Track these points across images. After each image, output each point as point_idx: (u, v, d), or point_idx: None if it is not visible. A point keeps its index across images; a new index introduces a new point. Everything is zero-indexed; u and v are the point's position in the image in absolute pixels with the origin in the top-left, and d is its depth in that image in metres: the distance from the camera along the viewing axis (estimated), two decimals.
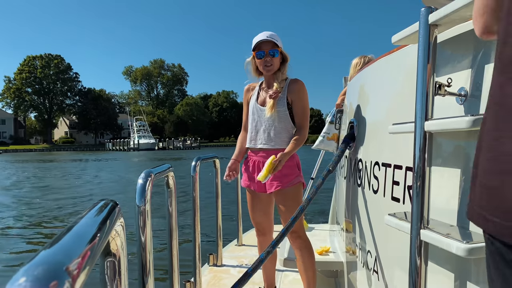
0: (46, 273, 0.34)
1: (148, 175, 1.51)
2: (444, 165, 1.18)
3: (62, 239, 0.41)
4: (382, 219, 1.68)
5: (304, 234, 2.48)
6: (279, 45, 2.42)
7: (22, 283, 0.32)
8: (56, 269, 0.35)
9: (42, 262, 0.36)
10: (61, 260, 0.37)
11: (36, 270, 0.34)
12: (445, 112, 1.15)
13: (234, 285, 1.61)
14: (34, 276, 0.33)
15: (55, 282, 0.33)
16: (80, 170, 24.14)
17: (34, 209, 10.48)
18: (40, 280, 0.33)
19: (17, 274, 0.34)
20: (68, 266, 0.36)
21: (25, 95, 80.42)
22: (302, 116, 2.46)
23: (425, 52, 1.09)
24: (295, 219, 1.96)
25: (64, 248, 0.40)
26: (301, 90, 2.47)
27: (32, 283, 0.32)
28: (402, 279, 1.45)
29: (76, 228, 0.44)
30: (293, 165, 2.45)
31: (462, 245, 0.91)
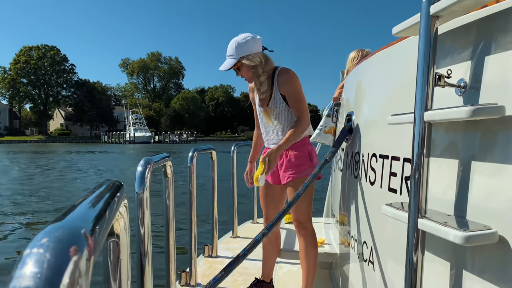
0: (66, 235, 0.35)
1: (148, 163, 1.51)
2: (442, 155, 1.19)
3: (73, 212, 0.41)
4: (378, 210, 1.69)
5: (310, 225, 2.51)
6: (236, 59, 2.38)
7: (44, 243, 0.33)
8: (76, 233, 0.36)
9: (62, 225, 0.37)
10: (80, 225, 0.38)
11: (57, 232, 0.35)
12: (444, 103, 1.16)
13: (229, 264, 1.60)
14: (56, 237, 0.34)
15: (74, 246, 0.34)
16: (77, 163, 24.05)
17: (24, 201, 10.45)
18: (62, 241, 0.34)
19: (39, 235, 0.35)
20: (86, 232, 0.37)
21: (20, 85, 79.88)
22: (297, 105, 2.45)
23: (426, 43, 1.10)
24: (291, 204, 1.97)
25: (78, 217, 0.40)
26: (289, 80, 2.44)
27: (54, 244, 0.33)
28: (398, 269, 1.47)
29: (84, 204, 0.44)
30: (303, 156, 2.47)
31: (459, 233, 0.92)
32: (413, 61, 1.39)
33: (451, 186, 1.13)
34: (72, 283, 0.30)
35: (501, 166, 0.96)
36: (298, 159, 2.44)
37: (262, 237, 1.80)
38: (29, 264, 0.31)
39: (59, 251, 0.32)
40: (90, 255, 0.35)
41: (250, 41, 2.40)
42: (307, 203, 2.48)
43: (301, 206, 2.46)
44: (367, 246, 1.84)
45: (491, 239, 0.92)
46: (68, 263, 0.32)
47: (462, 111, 0.97)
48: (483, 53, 1.06)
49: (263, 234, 1.81)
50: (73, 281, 0.31)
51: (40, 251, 0.32)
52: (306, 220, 2.49)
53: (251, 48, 2.40)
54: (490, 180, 0.99)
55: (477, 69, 1.08)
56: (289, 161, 2.46)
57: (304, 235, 2.49)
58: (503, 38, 0.99)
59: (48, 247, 0.32)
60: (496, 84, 1.01)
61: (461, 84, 1.12)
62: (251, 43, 2.40)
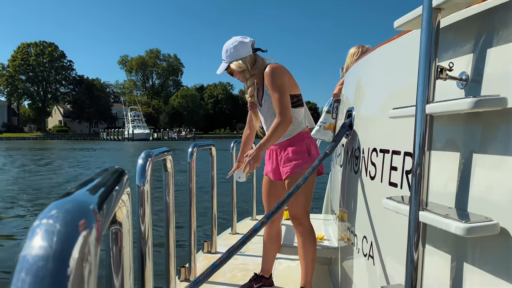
0: (76, 209, 0.35)
1: (148, 155, 1.50)
2: (443, 148, 1.19)
3: (80, 190, 0.41)
4: (378, 204, 1.69)
5: (307, 221, 2.50)
6: (227, 63, 2.49)
7: (54, 214, 0.33)
8: (85, 208, 0.36)
9: (71, 200, 0.37)
10: (88, 201, 0.38)
11: (66, 205, 0.35)
12: (446, 96, 1.16)
13: (228, 251, 1.60)
14: (65, 209, 0.34)
15: (84, 220, 0.33)
16: (77, 160, 24.01)
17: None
18: (71, 213, 0.34)
19: (48, 207, 0.35)
20: (94, 208, 0.37)
21: (18, 82, 79.60)
22: (275, 101, 2.39)
23: (428, 36, 1.10)
24: (290, 195, 1.96)
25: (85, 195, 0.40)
26: (268, 78, 2.40)
27: (64, 215, 0.33)
28: (398, 263, 1.47)
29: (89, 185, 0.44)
30: (301, 151, 2.46)
31: (461, 224, 0.92)
32: (414, 56, 1.39)
33: (452, 178, 1.13)
34: (81, 258, 0.30)
35: (503, 158, 0.96)
36: (296, 154, 2.44)
37: (261, 226, 1.79)
38: (39, 234, 0.31)
39: (69, 223, 0.32)
40: (99, 232, 0.34)
41: (238, 46, 2.45)
42: (305, 199, 2.47)
43: (298, 202, 2.45)
44: (367, 240, 1.85)
45: (493, 231, 0.93)
46: (78, 236, 0.32)
47: (464, 103, 0.97)
48: (485, 46, 1.06)
49: (262, 223, 1.80)
50: (83, 256, 0.30)
51: (50, 222, 0.32)
52: (302, 216, 2.48)
53: (239, 52, 2.45)
54: (491, 173, 0.99)
55: (479, 62, 1.08)
56: (287, 157, 2.46)
57: (301, 231, 2.49)
58: (505, 31, 0.99)
59: (58, 218, 0.32)
60: (498, 76, 1.01)
61: (463, 77, 1.12)
62: (239, 47, 2.45)
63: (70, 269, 0.29)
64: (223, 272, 3.00)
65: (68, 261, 0.29)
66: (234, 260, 3.30)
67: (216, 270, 1.56)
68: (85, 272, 0.30)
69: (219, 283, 2.79)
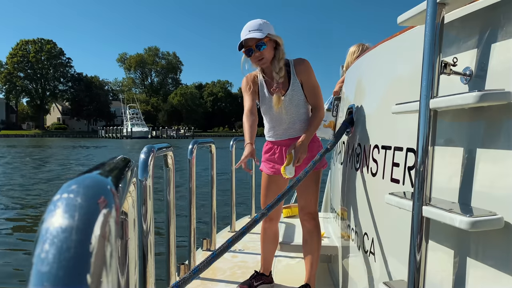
0: (96, 185, 0.35)
1: (150, 150, 1.50)
2: (447, 144, 1.19)
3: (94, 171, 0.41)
4: (380, 201, 1.69)
5: (318, 217, 2.52)
6: (265, 35, 2.29)
7: (74, 189, 0.33)
8: (104, 186, 0.36)
9: (90, 176, 0.37)
10: (106, 180, 0.38)
11: (86, 181, 0.35)
12: (449, 91, 1.15)
13: (228, 240, 1.59)
14: (86, 185, 0.34)
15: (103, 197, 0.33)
16: (75, 157, 23.96)
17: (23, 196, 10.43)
18: (92, 188, 0.33)
19: (68, 182, 0.34)
20: (112, 188, 0.37)
21: (16, 79, 79.39)
22: (315, 96, 2.43)
23: (432, 31, 1.09)
24: (291, 188, 1.96)
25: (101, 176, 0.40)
26: (308, 69, 2.42)
27: (84, 190, 0.33)
28: (400, 259, 1.47)
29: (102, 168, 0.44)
30: (320, 146, 2.48)
31: (465, 218, 0.92)
32: (416, 52, 1.38)
33: (455, 173, 1.13)
34: (103, 235, 0.30)
35: (506, 153, 0.96)
36: (316, 150, 2.42)
37: (261, 217, 1.78)
38: (61, 207, 0.31)
39: (90, 198, 0.32)
40: (118, 213, 0.34)
41: (269, 24, 2.38)
42: (316, 194, 2.50)
43: (312, 197, 2.47)
44: (368, 237, 1.85)
45: (497, 225, 0.92)
46: (99, 212, 0.32)
47: (469, 97, 0.97)
48: (489, 41, 1.06)
49: (262, 214, 1.79)
50: (104, 234, 0.30)
51: (71, 196, 0.32)
52: (315, 211, 2.51)
53: (272, 30, 2.37)
54: (495, 167, 0.99)
55: (483, 57, 1.07)
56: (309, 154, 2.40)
57: (313, 226, 2.50)
58: (508, 26, 0.99)
59: (78, 192, 0.32)
60: (502, 72, 1.01)
61: (467, 72, 1.12)
62: (270, 26, 2.38)
63: (93, 244, 0.29)
64: (223, 270, 3.00)
65: (91, 235, 0.29)
66: (234, 258, 3.30)
67: (216, 260, 1.55)
68: (106, 250, 0.30)
69: (219, 281, 2.79)
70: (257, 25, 2.32)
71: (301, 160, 2.32)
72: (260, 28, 2.31)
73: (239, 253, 3.42)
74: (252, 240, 3.79)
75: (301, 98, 2.43)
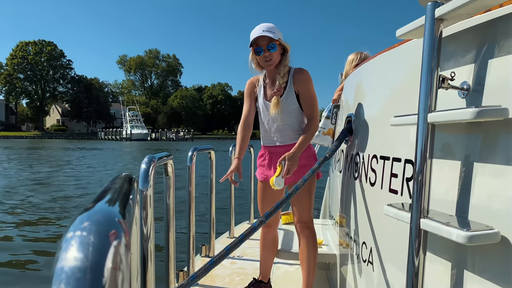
0: (106, 219, 0.36)
1: (151, 160, 1.51)
2: (444, 157, 1.20)
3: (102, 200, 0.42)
4: (378, 211, 1.70)
5: (312, 225, 2.51)
6: (277, 38, 2.35)
7: (87, 226, 0.34)
8: (112, 219, 0.37)
9: (98, 211, 0.38)
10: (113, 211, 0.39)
11: (95, 216, 0.36)
12: (447, 105, 1.17)
13: (226, 248, 1.60)
14: (96, 221, 0.35)
15: (114, 230, 0.35)
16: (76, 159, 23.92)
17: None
18: (102, 224, 0.35)
19: (78, 218, 0.36)
20: (120, 219, 0.38)
21: (16, 81, 79.40)
22: (310, 107, 2.44)
23: (430, 45, 1.11)
24: (289, 196, 1.97)
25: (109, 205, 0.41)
26: (307, 80, 2.44)
27: (96, 227, 0.34)
28: (398, 269, 1.48)
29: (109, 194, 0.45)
30: (310, 156, 2.47)
31: (462, 232, 0.93)
32: (414, 64, 1.40)
33: (453, 187, 1.14)
34: (115, 268, 0.32)
35: (503, 168, 0.97)
36: (305, 160, 2.43)
37: (259, 225, 1.79)
38: (74, 245, 0.32)
39: (102, 234, 0.34)
40: (128, 241, 0.36)
41: (280, 31, 2.43)
42: (310, 203, 2.47)
43: (305, 206, 2.46)
44: (366, 246, 1.85)
45: (494, 239, 0.94)
46: (110, 247, 0.33)
47: (466, 113, 0.98)
48: (486, 57, 1.07)
49: (260, 222, 1.80)
50: (116, 266, 0.32)
51: (83, 234, 0.33)
52: (309, 220, 2.49)
53: (282, 37, 2.43)
54: (492, 181, 1.00)
55: (480, 72, 1.09)
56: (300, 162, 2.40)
57: (307, 235, 2.48)
58: (506, 42, 1.01)
59: (91, 230, 0.34)
60: (499, 87, 1.02)
61: (464, 86, 1.13)
62: (281, 33, 2.44)
63: (105, 278, 0.30)
64: (221, 277, 3.00)
65: (103, 271, 0.31)
66: (232, 265, 3.30)
67: (214, 267, 1.56)
68: (118, 280, 0.32)
69: None
70: (271, 27, 2.39)
71: (291, 172, 2.30)
72: (274, 31, 2.37)
73: (238, 260, 3.42)
74: (250, 246, 3.79)
75: (293, 107, 2.45)
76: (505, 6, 1.00)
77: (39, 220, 7.81)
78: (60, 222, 7.66)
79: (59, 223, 7.60)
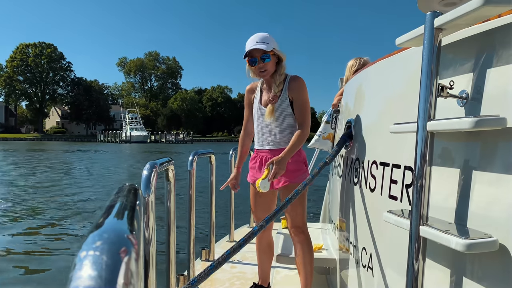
0: (116, 237, 0.38)
1: (153, 166, 1.52)
2: (443, 164, 1.21)
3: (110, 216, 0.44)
4: (378, 216, 1.71)
5: (306, 230, 2.52)
6: (270, 49, 2.38)
7: (99, 246, 0.35)
8: (122, 236, 0.39)
9: (109, 229, 0.40)
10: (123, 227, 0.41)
11: (105, 234, 0.37)
12: (446, 114, 1.18)
13: (226, 252, 1.61)
14: (107, 240, 0.37)
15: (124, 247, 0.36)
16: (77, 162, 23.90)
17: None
18: (114, 243, 0.36)
19: (89, 238, 0.37)
20: (129, 235, 0.39)
21: (16, 83, 79.43)
22: (302, 114, 2.47)
23: (429, 54, 1.12)
24: (289, 200, 1.99)
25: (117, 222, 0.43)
26: (301, 88, 2.47)
27: (108, 246, 0.36)
28: (397, 275, 1.49)
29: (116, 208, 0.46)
30: (300, 161, 2.48)
31: (461, 240, 0.95)
32: (414, 71, 1.41)
33: (452, 194, 1.15)
34: (126, 283, 0.33)
35: (502, 176, 0.98)
36: (295, 165, 2.44)
37: (259, 229, 1.81)
38: (88, 265, 0.34)
39: (114, 253, 0.35)
40: (138, 254, 0.37)
41: (275, 40, 2.46)
42: (303, 207, 2.48)
43: (298, 211, 2.46)
44: (366, 252, 1.86)
45: (492, 247, 0.95)
46: (121, 264, 0.34)
47: (465, 122, 1.00)
48: (484, 66, 1.09)
49: (260, 226, 1.81)
50: (127, 281, 0.33)
51: (96, 254, 0.35)
52: (303, 224, 2.50)
53: (277, 46, 2.46)
54: (491, 189, 1.02)
55: (479, 81, 1.10)
56: (288, 167, 2.45)
57: (302, 240, 2.49)
58: (504, 52, 1.02)
59: (103, 249, 0.35)
60: (497, 96, 1.04)
61: (463, 95, 1.15)
62: (276, 42, 2.46)
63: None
64: (222, 281, 3.01)
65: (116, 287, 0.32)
66: (232, 269, 3.31)
67: (214, 271, 1.57)
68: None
69: None
70: (264, 37, 2.41)
71: (278, 176, 2.35)
72: (267, 41, 2.40)
73: (238, 264, 3.43)
74: (250, 250, 3.80)
75: (286, 113, 2.48)
76: (504, 16, 1.02)
77: (46, 224, 7.81)
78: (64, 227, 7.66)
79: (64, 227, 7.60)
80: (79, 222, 7.91)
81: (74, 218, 8.19)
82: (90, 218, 8.24)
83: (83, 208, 9.30)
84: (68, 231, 7.24)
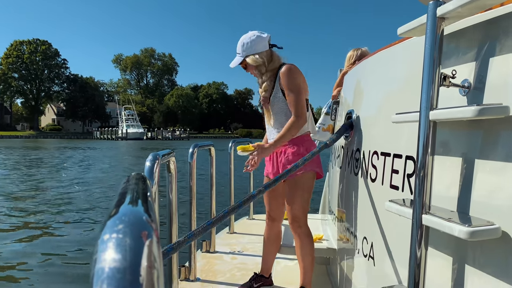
0: (136, 220, 0.38)
1: (156, 158, 1.53)
2: (446, 153, 1.22)
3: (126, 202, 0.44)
4: (380, 206, 1.73)
5: (305, 223, 2.52)
6: (242, 59, 2.49)
7: (121, 229, 0.36)
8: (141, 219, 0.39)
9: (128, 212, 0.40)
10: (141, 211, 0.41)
11: (126, 217, 0.38)
12: (448, 103, 1.19)
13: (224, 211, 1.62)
14: (128, 222, 0.37)
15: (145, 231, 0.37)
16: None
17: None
18: (134, 225, 0.37)
19: (111, 220, 0.38)
20: (147, 218, 0.40)
21: (11, 80, 78.88)
22: (291, 102, 2.43)
23: (432, 44, 1.13)
24: (289, 171, 2.04)
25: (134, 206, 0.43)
26: (286, 75, 2.43)
27: (130, 228, 0.37)
28: (399, 264, 1.50)
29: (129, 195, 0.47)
30: (301, 153, 2.44)
31: (464, 228, 0.96)
32: (415, 61, 1.42)
33: (454, 183, 1.16)
34: (150, 266, 0.34)
35: (504, 164, 0.99)
36: (296, 156, 2.43)
37: (258, 194, 1.81)
38: (112, 247, 0.34)
39: (136, 235, 0.36)
40: (158, 239, 0.37)
41: (255, 40, 2.46)
42: (304, 201, 2.47)
43: (297, 204, 2.46)
44: (367, 241, 1.88)
45: (495, 234, 0.96)
46: (144, 247, 0.35)
47: (468, 111, 1.01)
48: (487, 55, 1.10)
49: (259, 191, 1.81)
50: (151, 264, 0.34)
51: (119, 236, 0.35)
52: (301, 218, 2.49)
53: (256, 47, 2.46)
54: (493, 178, 1.03)
55: (481, 70, 1.11)
56: (287, 159, 2.46)
57: (299, 233, 2.50)
58: (507, 40, 1.03)
59: (126, 232, 0.36)
60: (500, 85, 1.05)
61: (465, 84, 1.16)
62: (256, 42, 2.46)
63: (143, 277, 0.32)
64: (222, 272, 3.03)
65: (140, 271, 0.33)
66: (233, 260, 3.33)
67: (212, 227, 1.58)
68: (154, 278, 0.34)
69: (218, 283, 2.82)
70: (239, 47, 2.52)
71: (257, 160, 2.48)
72: (239, 51, 2.52)
73: (238, 255, 3.45)
74: (251, 241, 3.83)
75: (281, 106, 2.49)
76: (506, 5, 1.03)
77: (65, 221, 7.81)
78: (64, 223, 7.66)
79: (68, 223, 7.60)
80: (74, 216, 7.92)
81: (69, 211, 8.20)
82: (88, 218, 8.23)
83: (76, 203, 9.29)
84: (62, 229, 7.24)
